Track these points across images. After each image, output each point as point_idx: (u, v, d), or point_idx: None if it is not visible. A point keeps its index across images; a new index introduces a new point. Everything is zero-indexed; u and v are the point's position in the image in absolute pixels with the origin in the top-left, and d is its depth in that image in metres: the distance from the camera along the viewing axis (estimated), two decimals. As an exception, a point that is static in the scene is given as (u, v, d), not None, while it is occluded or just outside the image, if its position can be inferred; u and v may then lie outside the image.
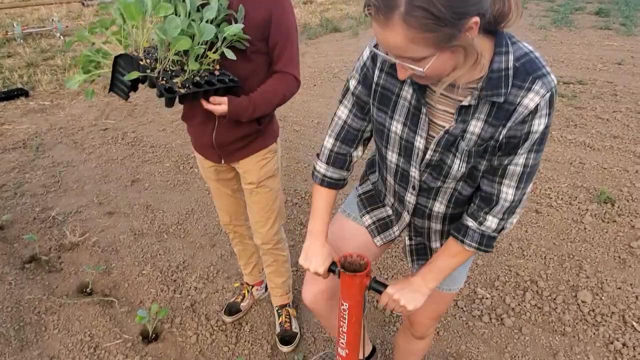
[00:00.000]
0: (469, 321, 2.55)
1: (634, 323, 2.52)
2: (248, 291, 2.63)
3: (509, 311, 2.61)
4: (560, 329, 2.50)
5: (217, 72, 1.72)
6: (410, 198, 1.40)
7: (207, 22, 1.60)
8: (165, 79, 1.57)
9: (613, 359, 2.34)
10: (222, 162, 2.02)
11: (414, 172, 1.32)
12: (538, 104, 1.06)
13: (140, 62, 1.55)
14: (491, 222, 1.26)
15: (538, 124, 1.09)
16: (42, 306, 2.66)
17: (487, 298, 2.69)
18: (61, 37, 8.95)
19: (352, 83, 1.36)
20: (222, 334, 2.49)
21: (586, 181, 3.85)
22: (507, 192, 1.21)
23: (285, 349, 2.36)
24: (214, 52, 1.66)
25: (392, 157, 1.35)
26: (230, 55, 1.64)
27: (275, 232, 2.21)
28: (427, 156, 1.26)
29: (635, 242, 3.12)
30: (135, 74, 1.51)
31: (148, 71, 1.55)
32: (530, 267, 2.92)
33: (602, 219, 3.37)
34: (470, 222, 1.28)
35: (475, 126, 1.15)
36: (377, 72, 1.27)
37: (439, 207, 1.38)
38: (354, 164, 1.50)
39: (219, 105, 1.71)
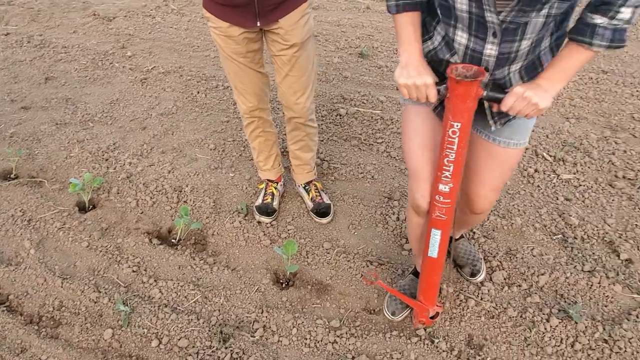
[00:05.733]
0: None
1: (544, 154, 2.80)
2: (276, 188, 2.39)
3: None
4: (482, 164, 2.73)
5: None
6: (491, 50, 1.23)
7: None
8: None
9: (526, 182, 2.60)
10: (258, 24, 1.78)
11: (491, 17, 1.16)
12: None
13: None
14: (625, 12, 1.07)
15: None
16: (-37, 192, 2.51)
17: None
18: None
19: None
20: (162, 196, 2.48)
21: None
22: None
23: (324, 220, 2.31)
24: None
25: (463, 3, 1.18)
26: None
27: (312, 100, 2.09)
28: None
29: (546, 96, 3.39)
30: None
31: None
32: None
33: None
34: (599, 19, 1.10)
35: None
36: None
37: (526, 43, 1.20)
38: None
39: None
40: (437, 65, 1.38)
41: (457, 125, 1.27)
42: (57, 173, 2.68)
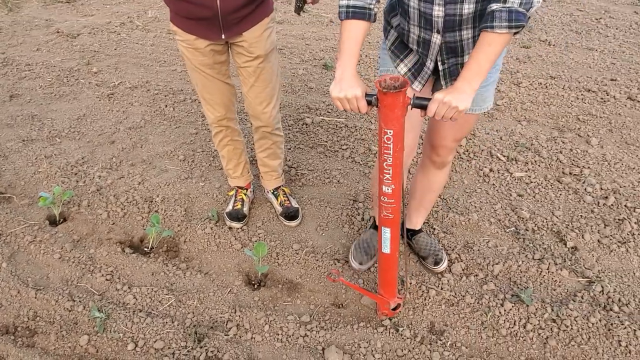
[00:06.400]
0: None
1: (499, 155, 2.99)
2: (245, 195, 2.48)
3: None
4: (441, 165, 2.89)
5: None
6: (438, 11, 1.40)
7: None
8: None
9: (482, 181, 2.78)
10: (223, 37, 1.86)
11: None
12: None
13: None
14: None
15: None
16: None
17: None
18: None
19: None
20: (133, 207, 2.53)
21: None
22: None
23: (293, 223, 2.41)
24: None
25: None
26: None
27: (278, 110, 2.18)
28: None
29: (500, 101, 3.61)
30: None
31: None
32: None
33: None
34: (495, 5, 1.28)
35: None
36: None
37: (468, 7, 1.38)
38: None
39: None
40: (404, 36, 1.56)
41: (390, 132, 1.38)
42: (26, 188, 2.69)
